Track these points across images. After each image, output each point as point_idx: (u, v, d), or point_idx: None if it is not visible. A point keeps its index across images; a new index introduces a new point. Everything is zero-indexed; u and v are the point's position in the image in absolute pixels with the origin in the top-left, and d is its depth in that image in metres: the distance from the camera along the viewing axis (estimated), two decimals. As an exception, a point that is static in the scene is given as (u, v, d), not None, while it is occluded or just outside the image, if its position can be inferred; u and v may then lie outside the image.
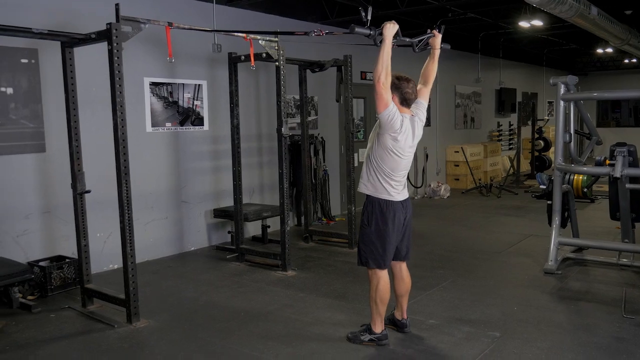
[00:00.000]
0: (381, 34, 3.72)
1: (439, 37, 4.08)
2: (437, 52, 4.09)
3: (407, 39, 4.00)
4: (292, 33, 5.17)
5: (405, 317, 4.25)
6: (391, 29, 3.68)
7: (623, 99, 17.25)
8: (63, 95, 4.86)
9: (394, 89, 3.80)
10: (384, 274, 3.96)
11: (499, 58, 14.09)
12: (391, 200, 3.89)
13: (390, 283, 4.04)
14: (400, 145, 3.79)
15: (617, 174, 5.13)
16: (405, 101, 3.86)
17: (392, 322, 4.25)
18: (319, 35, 4.45)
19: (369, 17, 3.71)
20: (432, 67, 4.10)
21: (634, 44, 10.15)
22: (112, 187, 4.54)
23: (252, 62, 5.66)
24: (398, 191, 3.92)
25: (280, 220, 5.98)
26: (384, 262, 3.94)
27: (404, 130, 3.76)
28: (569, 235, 6.24)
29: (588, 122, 6.45)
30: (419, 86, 4.04)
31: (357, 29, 3.71)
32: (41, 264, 5.34)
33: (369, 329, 4.04)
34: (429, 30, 4.08)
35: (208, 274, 5.97)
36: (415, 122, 3.88)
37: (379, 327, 4.02)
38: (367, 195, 3.96)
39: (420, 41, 4.06)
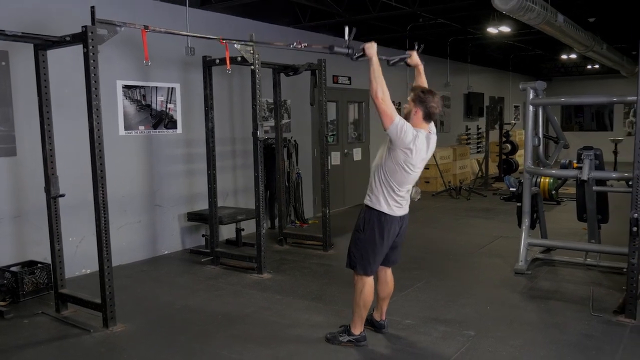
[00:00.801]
0: (361, 52, 3.80)
1: (414, 55, 4.18)
2: (421, 67, 4.21)
3: (383, 57, 4.08)
4: (270, 44, 5.22)
5: (384, 318, 4.31)
6: (373, 47, 3.75)
7: (588, 104, 17.70)
8: (34, 98, 4.80)
9: (418, 102, 3.78)
10: (369, 280, 3.99)
11: (467, 63, 14.35)
12: (390, 215, 3.88)
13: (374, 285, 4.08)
14: (412, 160, 3.73)
15: (585, 177, 5.30)
16: (429, 116, 3.80)
17: (370, 323, 4.30)
18: (298, 48, 4.51)
19: (351, 37, 3.84)
20: (422, 81, 4.16)
21: (598, 51, 10.45)
22: (84, 190, 4.52)
23: (228, 66, 5.66)
24: (400, 206, 3.90)
25: (255, 223, 5.98)
26: (372, 269, 3.97)
27: (417, 145, 3.69)
28: (537, 236, 6.40)
29: (556, 126, 6.62)
30: None
31: (337, 49, 3.86)
32: (12, 269, 5.26)
33: (347, 330, 4.09)
34: (406, 52, 4.21)
35: (183, 277, 5.95)
36: (431, 138, 3.84)
37: (358, 329, 4.06)
38: (366, 204, 3.95)
39: (395, 60, 4.20)
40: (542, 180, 6.42)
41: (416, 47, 4.26)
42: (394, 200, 3.86)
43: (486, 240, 7.37)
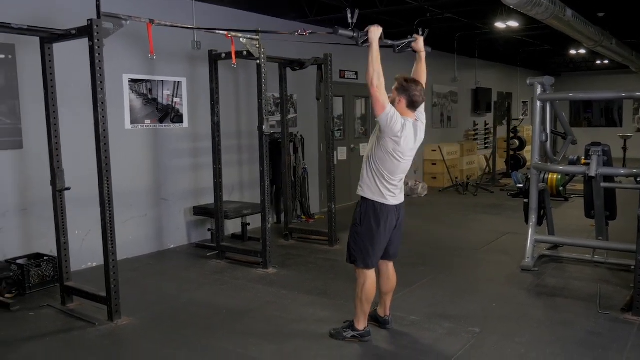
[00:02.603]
0: (365, 35, 3.74)
1: (420, 40, 4.11)
2: (423, 54, 4.14)
3: (389, 42, 4.03)
4: (275, 32, 5.19)
5: (388, 314, 4.29)
6: (376, 32, 3.70)
7: (597, 100, 17.56)
8: (41, 92, 4.80)
9: (401, 91, 3.79)
10: (371, 273, 3.98)
11: (475, 58, 14.26)
12: (385, 204, 3.88)
13: (376, 281, 4.07)
14: (401, 148, 3.75)
15: (592, 173, 5.25)
16: (413, 104, 3.81)
17: (374, 319, 4.29)
18: (303, 34, 4.47)
19: (354, 20, 3.75)
20: (422, 69, 4.13)
21: (607, 46, 10.35)
22: (90, 184, 4.50)
23: (234, 60, 5.65)
24: (394, 195, 3.90)
25: (261, 217, 5.98)
26: (372, 262, 3.96)
27: (405, 134, 3.71)
28: (544, 233, 6.36)
29: (564, 121, 6.57)
30: None
31: (341, 31, 3.75)
32: (19, 261, 5.28)
33: (351, 326, 4.08)
34: (409, 36, 4.13)
35: (189, 271, 5.95)
36: (418, 126, 3.85)
37: (362, 324, 4.05)
38: (361, 196, 3.96)
39: (402, 44, 4.10)
40: (550, 176, 6.37)
41: (421, 32, 4.20)
42: (387, 189, 3.87)
43: (493, 237, 7.34)
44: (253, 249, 6.22)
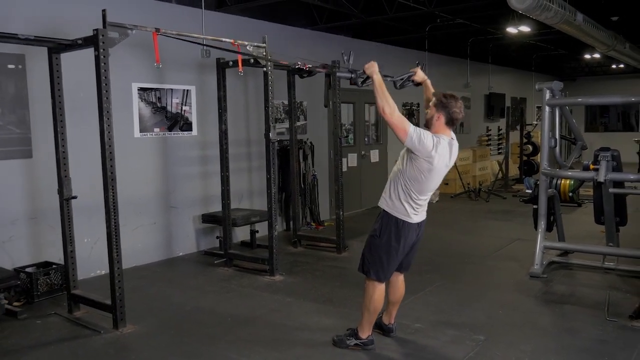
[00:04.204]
0: (363, 74, 3.78)
1: (419, 71, 4.11)
2: (428, 82, 4.14)
3: (388, 78, 4.02)
4: (277, 62, 5.30)
5: (392, 322, 4.27)
6: (372, 66, 3.70)
7: (607, 104, 17.34)
8: (50, 101, 4.86)
9: (440, 107, 3.69)
10: (381, 286, 3.94)
11: (488, 63, 14.20)
12: (408, 222, 3.80)
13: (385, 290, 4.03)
14: (435, 167, 3.64)
15: (601, 179, 5.19)
16: (452, 121, 3.70)
17: (378, 327, 4.26)
18: (302, 67, 4.56)
19: (351, 61, 3.84)
20: (430, 95, 4.07)
21: (620, 50, 10.25)
22: (99, 192, 4.54)
23: (240, 68, 5.68)
24: (417, 213, 3.82)
25: (268, 225, 5.99)
26: (385, 275, 3.92)
27: (439, 152, 3.61)
28: (554, 239, 6.29)
29: (573, 127, 6.51)
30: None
31: (339, 74, 3.89)
32: (27, 270, 5.33)
33: (355, 334, 4.05)
34: (410, 70, 4.15)
35: (196, 279, 5.98)
36: (453, 145, 3.75)
37: (366, 333, 4.03)
38: (383, 209, 3.88)
39: (401, 79, 4.11)
40: (562, 182, 6.31)
41: (418, 64, 4.23)
42: (412, 208, 3.78)
43: (503, 243, 7.27)
44: (260, 256, 6.23)
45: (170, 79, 6.84)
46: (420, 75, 4.11)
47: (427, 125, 3.77)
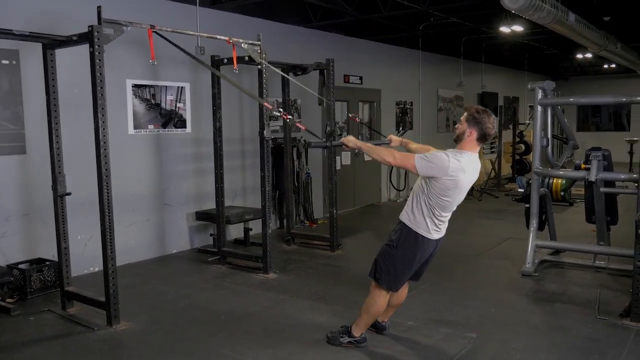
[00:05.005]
0: (341, 144, 3.95)
1: (394, 138, 4.31)
2: (405, 139, 4.34)
3: (356, 151, 4.16)
4: (256, 99, 5.50)
5: (386, 320, 4.29)
6: (351, 141, 3.87)
7: (599, 104, 17.45)
8: (44, 97, 4.85)
9: (473, 123, 3.56)
10: (388, 294, 3.93)
11: (481, 62, 14.24)
12: (428, 238, 3.75)
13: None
14: (460, 181, 3.55)
15: (592, 178, 5.24)
16: (484, 137, 3.59)
17: (371, 324, 4.27)
18: (284, 117, 4.88)
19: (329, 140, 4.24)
20: (416, 147, 4.16)
21: (612, 50, 10.30)
22: (93, 189, 4.53)
23: (235, 66, 5.68)
24: (439, 230, 3.78)
25: (262, 223, 6.00)
26: (396, 286, 3.89)
27: (463, 168, 3.52)
28: (546, 238, 6.34)
29: (565, 126, 6.55)
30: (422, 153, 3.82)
31: (314, 144, 4.27)
32: (21, 266, 5.33)
33: (348, 332, 4.07)
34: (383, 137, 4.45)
35: (190, 276, 5.98)
36: (477, 161, 3.69)
37: (359, 332, 4.05)
38: (404, 222, 3.80)
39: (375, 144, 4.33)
40: (554, 181, 6.36)
41: (397, 132, 4.41)
42: (435, 224, 3.73)
43: (495, 242, 7.32)
44: (254, 254, 6.25)
45: (165, 76, 6.83)
46: (395, 141, 4.31)
47: (457, 141, 3.66)
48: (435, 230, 3.76)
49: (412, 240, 3.74)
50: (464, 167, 3.53)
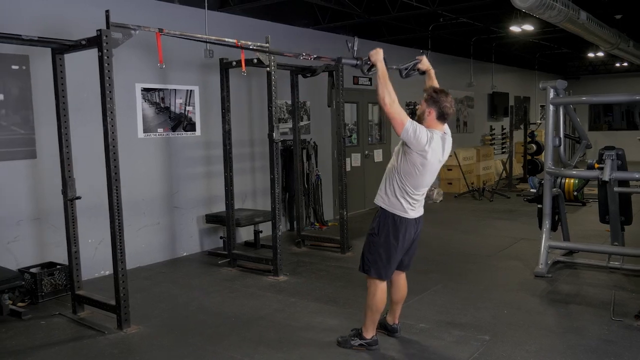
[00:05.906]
0: (368, 62, 3.76)
1: (425, 59, 4.13)
2: (432, 72, 4.15)
3: (394, 66, 4.03)
4: (281, 54, 5.23)
5: (397, 322, 4.26)
6: (377, 53, 3.71)
7: (611, 103, 17.29)
8: (54, 102, 4.86)
9: (431, 103, 3.73)
10: (383, 284, 3.93)
11: (492, 62, 14.16)
12: (406, 217, 3.82)
13: (387, 289, 4.02)
14: (429, 162, 3.68)
15: (606, 178, 5.17)
16: (443, 116, 3.75)
17: (383, 327, 4.25)
18: (307, 59, 4.48)
19: (355, 48, 3.81)
20: (434, 85, 4.07)
21: (624, 48, 10.22)
22: (104, 193, 4.54)
23: (243, 68, 5.66)
24: (414, 209, 3.85)
25: (272, 225, 5.99)
26: (386, 273, 3.91)
27: (432, 147, 3.64)
28: (559, 238, 6.27)
29: (577, 125, 6.49)
30: None
31: (344, 60, 3.85)
32: (32, 270, 5.34)
33: (359, 334, 4.05)
34: (415, 58, 4.16)
35: (200, 279, 5.97)
36: (446, 139, 3.79)
37: (370, 333, 4.02)
38: (380, 206, 3.90)
39: (408, 67, 4.12)
40: (567, 181, 6.29)
41: (422, 53, 4.24)
42: (409, 203, 3.81)
43: (507, 243, 7.25)
44: (264, 256, 6.22)
45: (174, 80, 6.84)
46: (425, 63, 4.13)
47: (419, 120, 3.78)
48: (411, 209, 3.84)
49: (391, 222, 3.83)
50: (434, 145, 3.65)
